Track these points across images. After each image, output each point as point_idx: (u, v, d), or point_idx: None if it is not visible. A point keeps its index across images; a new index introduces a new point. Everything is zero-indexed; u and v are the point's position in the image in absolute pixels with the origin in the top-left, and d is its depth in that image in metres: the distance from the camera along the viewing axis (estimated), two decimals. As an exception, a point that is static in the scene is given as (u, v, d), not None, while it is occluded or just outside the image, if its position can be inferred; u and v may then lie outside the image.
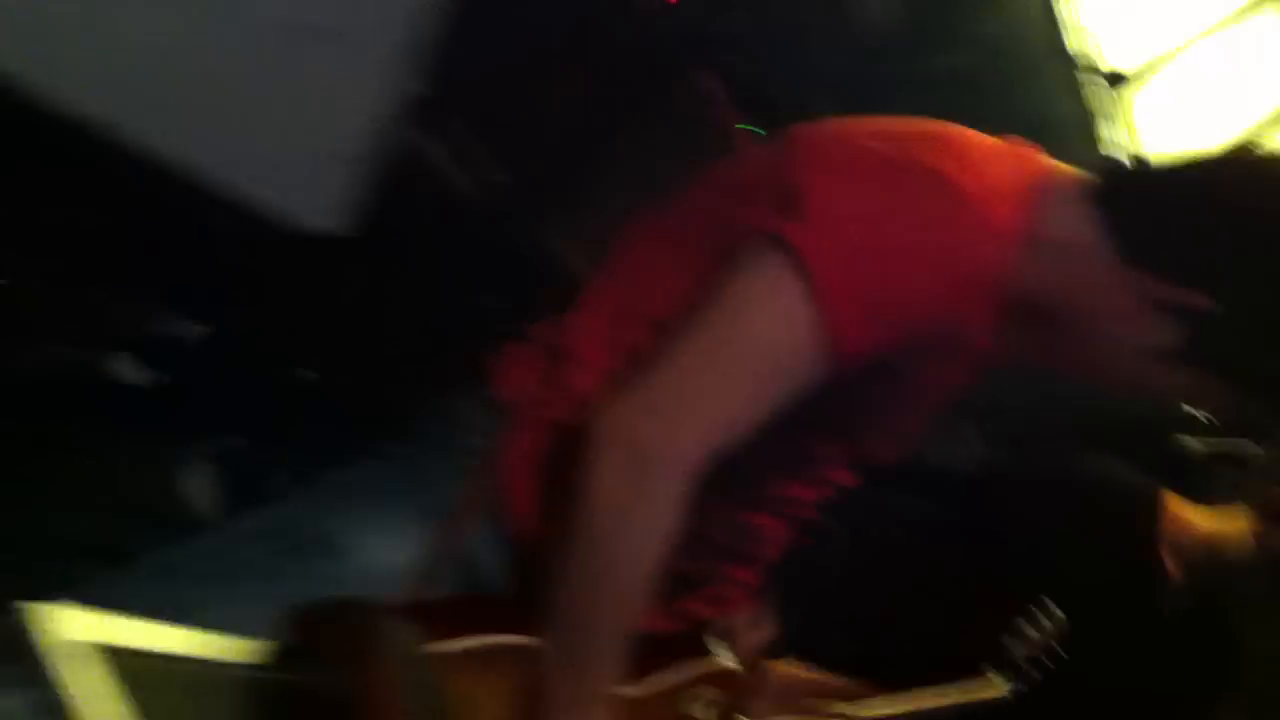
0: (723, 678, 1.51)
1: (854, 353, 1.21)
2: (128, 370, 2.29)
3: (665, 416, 1.18)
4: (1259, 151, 1.25)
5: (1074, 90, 3.04)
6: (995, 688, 1.75)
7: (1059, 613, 1.71)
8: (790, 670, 1.68)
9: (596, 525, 1.18)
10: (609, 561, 1.20)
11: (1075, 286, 1.27)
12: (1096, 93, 3.03)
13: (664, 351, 1.22)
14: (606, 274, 1.43)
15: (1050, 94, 3.06)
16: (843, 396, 1.26)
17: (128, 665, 0.91)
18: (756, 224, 1.22)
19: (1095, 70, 3.01)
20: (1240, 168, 1.24)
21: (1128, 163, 1.67)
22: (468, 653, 1.26)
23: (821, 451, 1.42)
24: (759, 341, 1.20)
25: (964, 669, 1.80)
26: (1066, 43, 3.00)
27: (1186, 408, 1.79)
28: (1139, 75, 3.02)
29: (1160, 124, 3.06)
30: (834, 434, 1.40)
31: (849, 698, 1.76)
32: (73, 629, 0.87)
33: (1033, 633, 1.75)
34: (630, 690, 1.36)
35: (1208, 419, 1.97)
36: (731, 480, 1.24)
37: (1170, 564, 1.69)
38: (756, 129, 2.87)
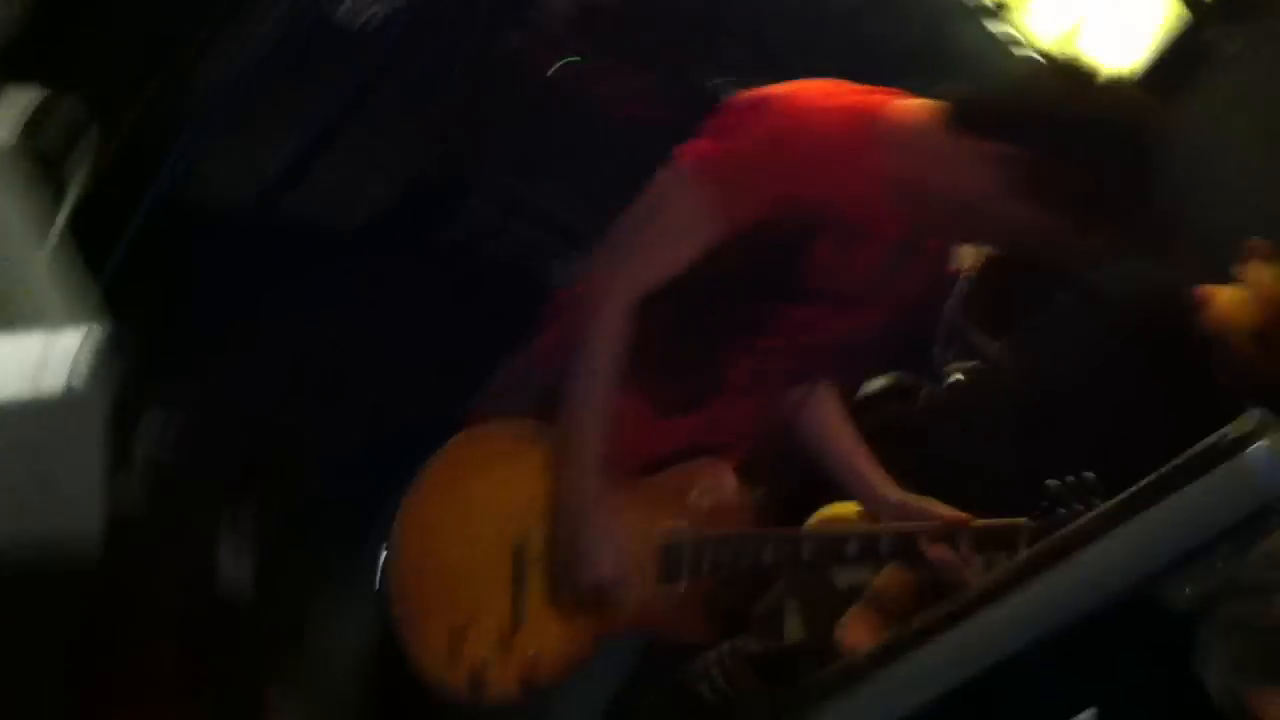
0: (721, 478, 1.95)
1: (733, 226, 1.75)
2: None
3: (611, 269, 1.84)
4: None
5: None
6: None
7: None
8: None
9: (575, 347, 1.80)
10: (579, 364, 1.82)
11: (930, 171, 1.74)
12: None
13: (617, 227, 1.86)
14: None
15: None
16: (759, 270, 1.81)
17: None
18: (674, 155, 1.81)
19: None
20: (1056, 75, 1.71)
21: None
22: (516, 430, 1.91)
23: (759, 313, 1.88)
24: (665, 220, 1.80)
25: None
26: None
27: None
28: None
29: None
30: (771, 298, 1.86)
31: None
32: None
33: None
34: (638, 483, 1.90)
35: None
36: (697, 330, 1.87)
37: None
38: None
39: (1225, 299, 1.85)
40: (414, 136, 2.94)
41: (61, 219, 0.98)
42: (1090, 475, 1.93)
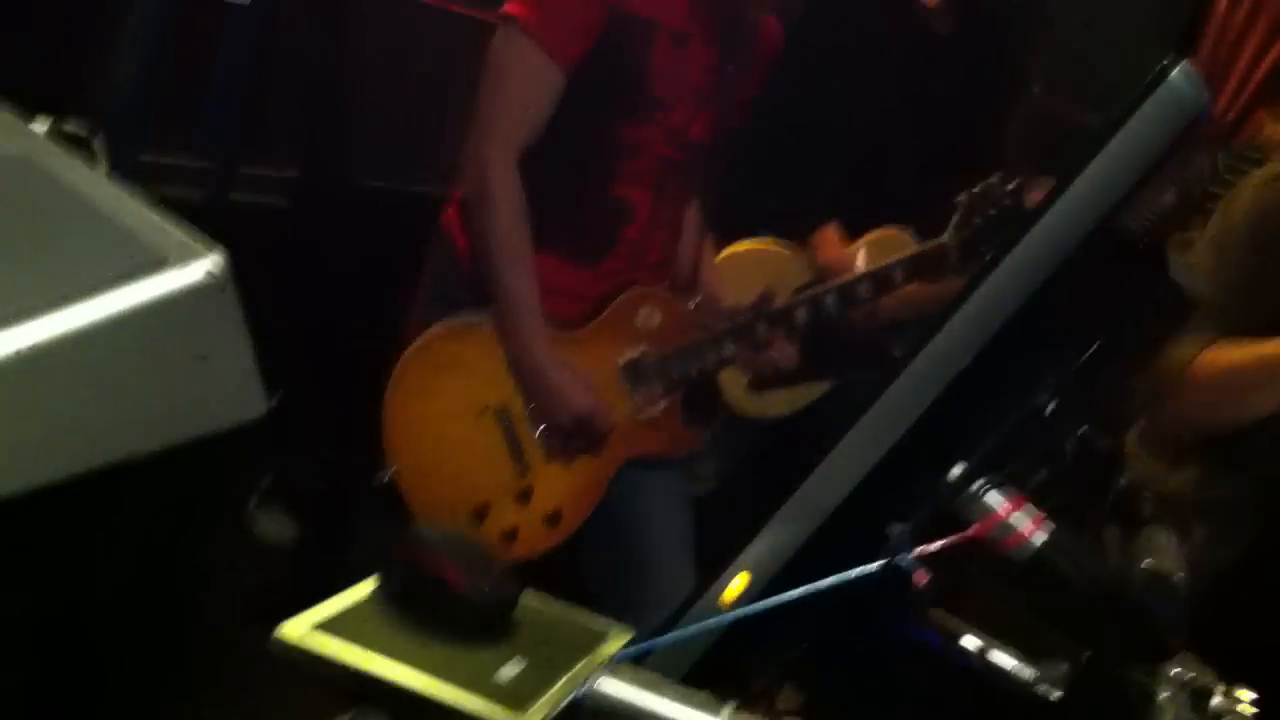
0: (658, 298, 2.19)
1: (569, 52, 1.99)
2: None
3: (481, 133, 2.04)
4: None
5: None
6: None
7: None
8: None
9: (474, 218, 2.05)
10: (486, 231, 2.02)
11: None
12: None
13: (475, 106, 2.06)
14: None
15: None
16: (611, 87, 2.04)
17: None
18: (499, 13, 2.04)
19: None
20: None
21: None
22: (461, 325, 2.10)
23: (633, 134, 2.09)
24: (511, 74, 2.02)
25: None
26: None
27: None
28: None
29: None
30: (629, 117, 2.08)
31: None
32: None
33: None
34: (583, 330, 2.15)
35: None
36: (580, 172, 2.10)
37: None
38: None
39: None
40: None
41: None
42: (994, 179, 2.13)
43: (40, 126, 1.06)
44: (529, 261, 2.05)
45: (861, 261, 2.43)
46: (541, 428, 2.09)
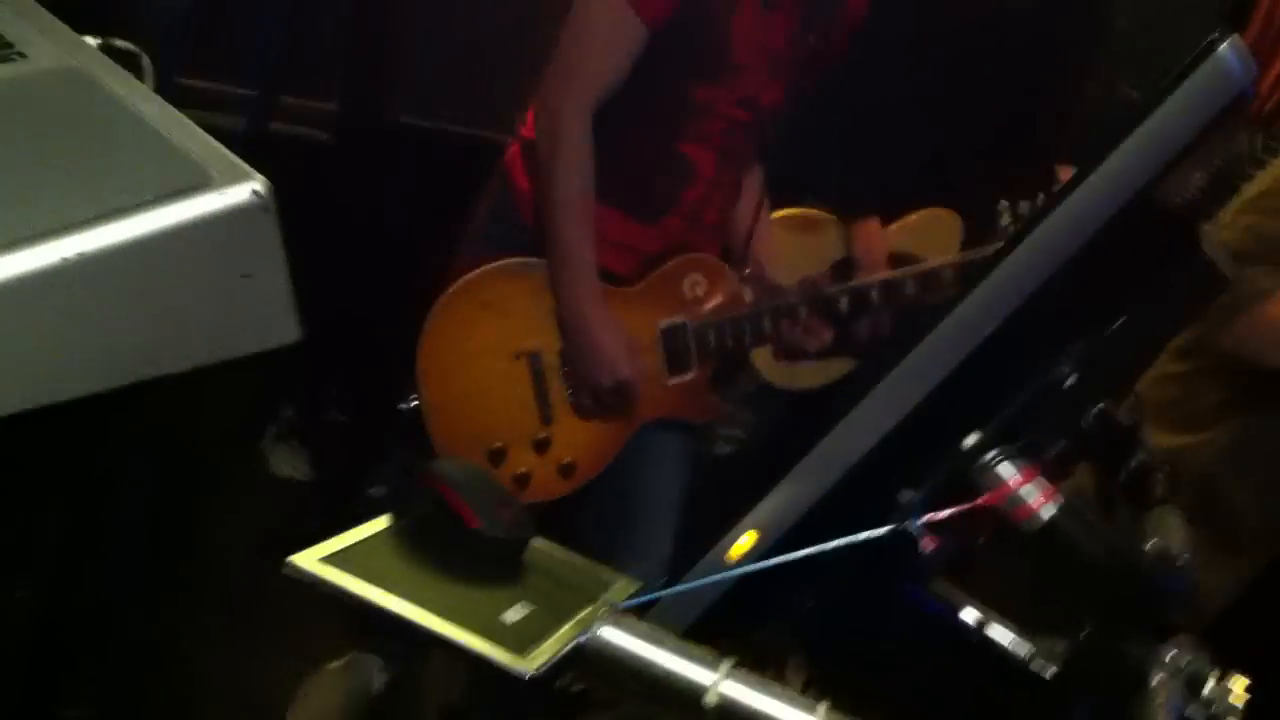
0: (708, 267, 2.17)
1: (655, 9, 1.97)
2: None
3: (558, 84, 2.02)
4: None
5: None
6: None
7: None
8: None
9: (543, 167, 2.02)
10: (554, 183, 2.00)
11: None
12: None
13: (555, 51, 2.04)
14: None
15: None
16: (691, 47, 2.03)
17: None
18: None
19: None
20: None
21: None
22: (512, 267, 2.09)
23: (705, 93, 2.07)
24: (596, 24, 2.01)
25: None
26: None
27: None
28: None
29: None
30: (705, 78, 2.07)
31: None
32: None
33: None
34: (633, 288, 2.13)
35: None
36: (649, 128, 2.09)
37: None
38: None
39: None
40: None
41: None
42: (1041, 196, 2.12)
43: (92, 41, 1.06)
44: (591, 216, 2.04)
45: (883, 255, 2.40)
46: (572, 383, 2.09)
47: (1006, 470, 1.01)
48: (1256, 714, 0.88)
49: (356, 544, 1.01)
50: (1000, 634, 1.05)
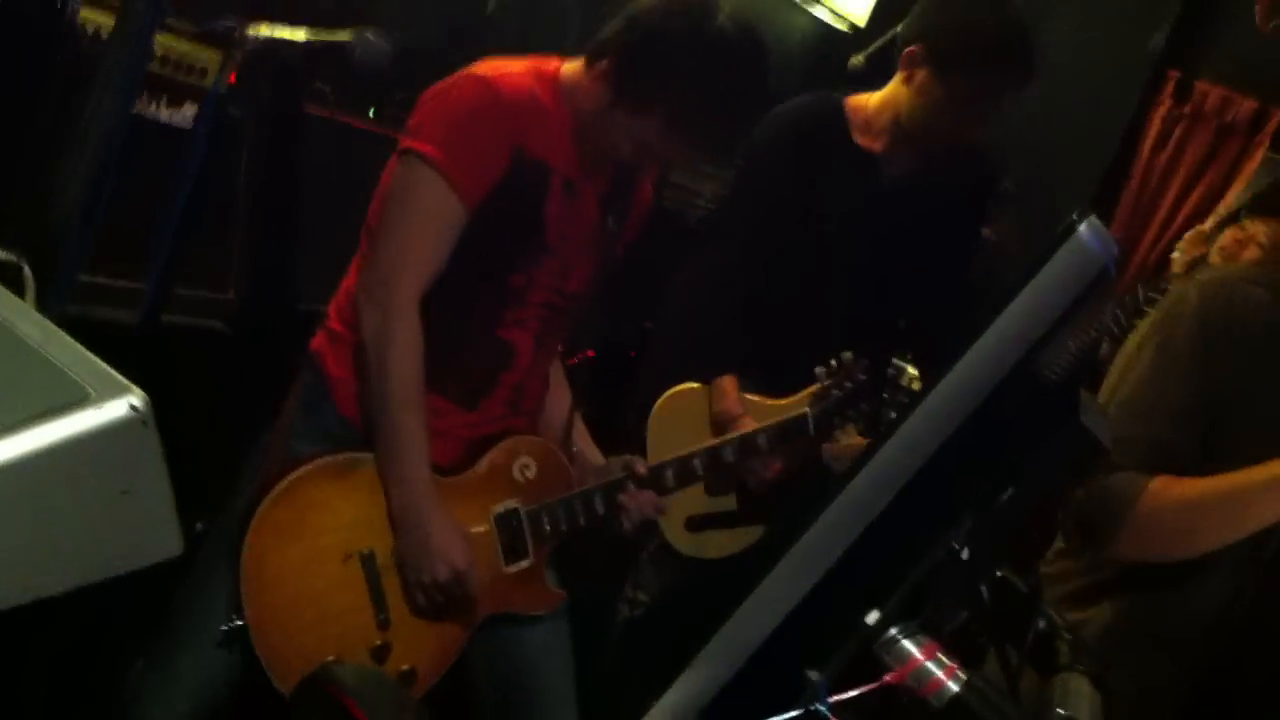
0: (536, 448, 2.15)
1: (476, 192, 1.96)
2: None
3: (384, 277, 1.96)
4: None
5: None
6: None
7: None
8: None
9: (373, 354, 1.95)
10: (386, 370, 1.93)
11: (603, 125, 2.02)
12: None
13: (374, 243, 2.01)
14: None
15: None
16: (507, 237, 2.03)
17: None
18: (401, 147, 2.00)
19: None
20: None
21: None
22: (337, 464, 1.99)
23: (521, 277, 2.08)
24: (419, 212, 1.96)
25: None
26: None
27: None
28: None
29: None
30: (523, 262, 2.07)
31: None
32: None
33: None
34: (462, 476, 2.07)
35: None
36: (469, 314, 2.06)
37: None
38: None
39: None
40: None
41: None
42: (847, 355, 2.22)
43: (-33, 254, 1.06)
44: (424, 405, 1.97)
45: (749, 422, 2.44)
46: (408, 581, 1.98)
47: (910, 645, 1.01)
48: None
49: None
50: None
